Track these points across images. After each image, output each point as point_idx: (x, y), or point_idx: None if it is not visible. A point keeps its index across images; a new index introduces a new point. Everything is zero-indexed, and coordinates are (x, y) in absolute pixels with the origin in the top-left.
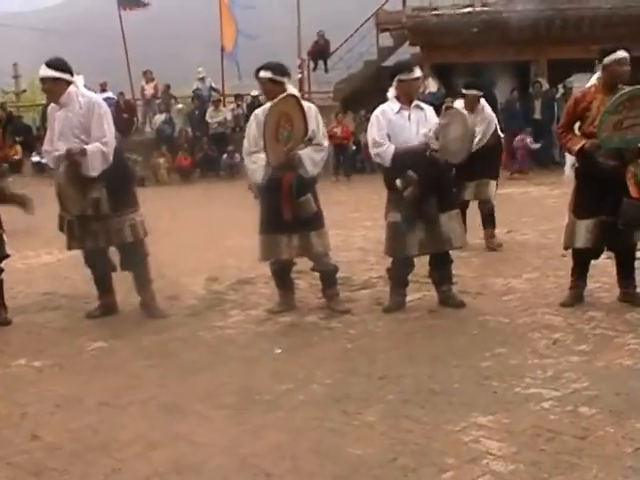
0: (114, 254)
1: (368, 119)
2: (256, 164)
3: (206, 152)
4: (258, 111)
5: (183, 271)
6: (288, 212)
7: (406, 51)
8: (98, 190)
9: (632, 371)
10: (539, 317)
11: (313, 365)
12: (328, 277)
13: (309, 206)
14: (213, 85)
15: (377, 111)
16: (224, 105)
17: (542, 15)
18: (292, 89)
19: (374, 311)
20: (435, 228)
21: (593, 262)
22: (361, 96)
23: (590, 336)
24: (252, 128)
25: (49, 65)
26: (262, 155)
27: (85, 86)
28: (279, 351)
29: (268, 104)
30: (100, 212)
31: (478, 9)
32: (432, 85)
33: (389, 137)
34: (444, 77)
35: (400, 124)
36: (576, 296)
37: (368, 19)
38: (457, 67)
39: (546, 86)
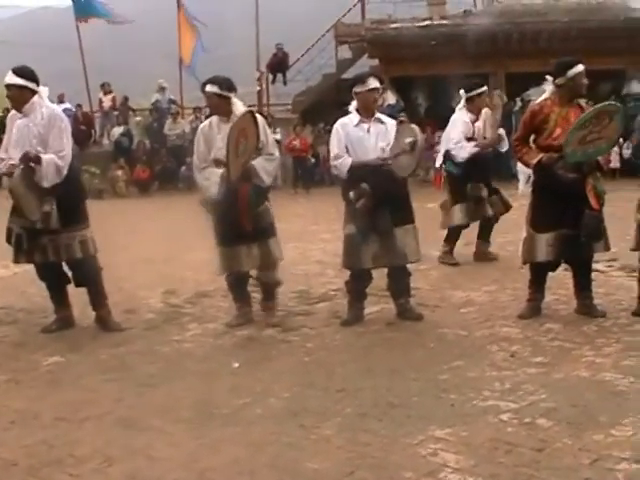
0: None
1: (327, 132)
2: (209, 180)
3: (164, 164)
4: (203, 126)
5: (141, 284)
6: (248, 223)
7: (365, 64)
8: (49, 204)
9: (589, 383)
10: (497, 329)
11: (271, 379)
12: (270, 289)
13: (268, 215)
14: (172, 97)
15: (337, 123)
16: (182, 117)
17: (500, 29)
18: (239, 103)
19: (332, 324)
20: (389, 242)
21: (551, 274)
22: (320, 109)
23: (548, 348)
24: (200, 144)
25: (16, 72)
26: (215, 170)
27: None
28: (237, 365)
29: (213, 118)
30: (50, 226)
31: (437, 22)
32: (390, 98)
33: (348, 150)
34: (403, 90)
35: (359, 137)
36: (534, 308)
37: (327, 32)
38: (416, 80)
39: (504, 99)
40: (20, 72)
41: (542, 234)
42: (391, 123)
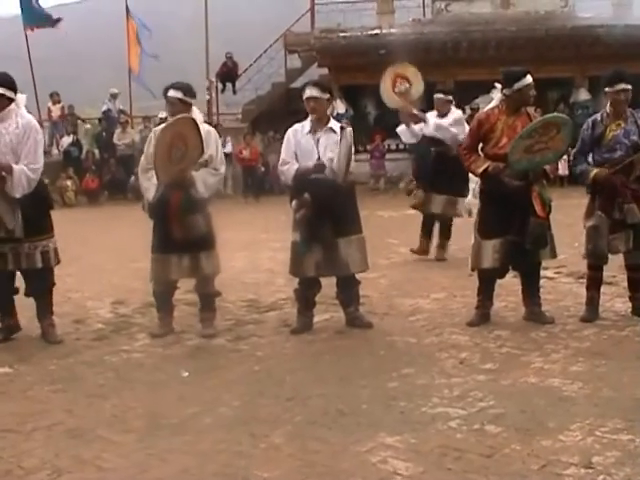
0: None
1: (277, 140)
2: (149, 181)
3: (113, 174)
4: (157, 129)
5: (90, 294)
6: (177, 230)
7: (314, 73)
8: (13, 214)
9: (537, 389)
10: (446, 337)
11: (220, 388)
12: (207, 300)
13: (197, 226)
14: (121, 107)
15: (290, 129)
16: (132, 127)
17: (449, 37)
18: (196, 111)
19: (282, 333)
20: (332, 251)
21: (499, 281)
22: (269, 117)
23: (496, 355)
24: (150, 145)
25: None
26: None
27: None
28: (186, 374)
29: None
30: (13, 235)
31: (385, 31)
32: (340, 106)
33: (297, 157)
34: (352, 98)
35: (307, 145)
36: (482, 315)
37: (276, 41)
38: (365, 88)
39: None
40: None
41: (488, 241)
42: (345, 133)
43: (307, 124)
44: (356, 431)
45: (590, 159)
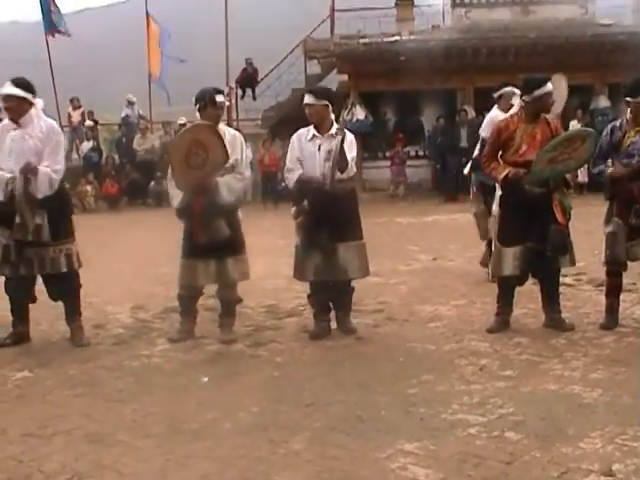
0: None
1: None
2: (175, 189)
3: (133, 179)
4: None
5: (110, 299)
6: (200, 236)
7: (334, 79)
8: (40, 216)
9: (557, 396)
10: (465, 343)
11: (240, 393)
12: (229, 307)
13: (220, 231)
14: (140, 112)
15: (295, 135)
16: (151, 132)
17: (468, 44)
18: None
19: (301, 339)
20: (331, 257)
21: (519, 288)
22: (289, 124)
23: (516, 362)
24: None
25: (15, 83)
26: None
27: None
28: (206, 380)
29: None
30: (41, 239)
31: (405, 38)
32: (359, 113)
33: (301, 162)
34: (372, 105)
35: (309, 151)
36: (502, 322)
37: (296, 47)
38: (385, 95)
39: (472, 114)
40: (19, 83)
41: (509, 248)
42: (347, 139)
43: (312, 130)
44: (375, 437)
45: (609, 164)
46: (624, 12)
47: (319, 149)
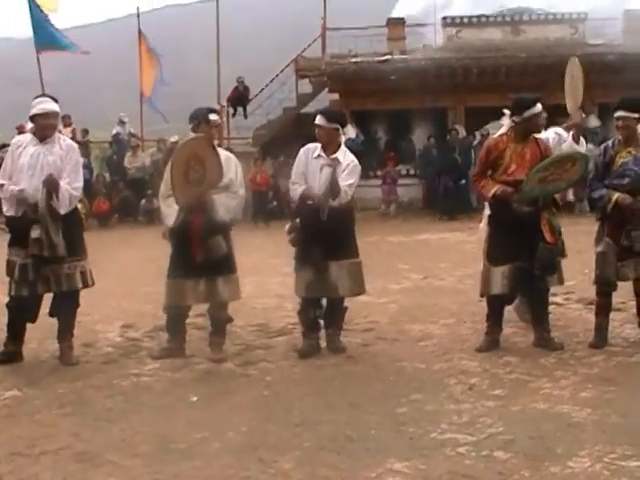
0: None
1: (288, 165)
2: (170, 208)
3: (124, 197)
4: None
5: (99, 318)
6: (198, 254)
7: (325, 98)
8: (56, 232)
9: (546, 415)
10: (455, 362)
11: (229, 413)
12: (219, 326)
13: (219, 248)
14: (132, 130)
15: (303, 148)
16: (143, 150)
17: (459, 63)
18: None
19: (291, 358)
20: (323, 274)
21: (509, 307)
22: (280, 142)
23: (506, 381)
24: (169, 171)
25: (54, 99)
26: None
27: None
28: (195, 399)
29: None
30: (57, 254)
31: (397, 57)
32: (351, 132)
33: (306, 179)
34: (363, 124)
35: (312, 169)
36: (492, 341)
37: (287, 66)
38: (376, 114)
39: (463, 133)
40: (55, 99)
41: (497, 267)
42: (348, 162)
43: (319, 148)
44: (365, 457)
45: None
46: (614, 32)
47: (321, 169)
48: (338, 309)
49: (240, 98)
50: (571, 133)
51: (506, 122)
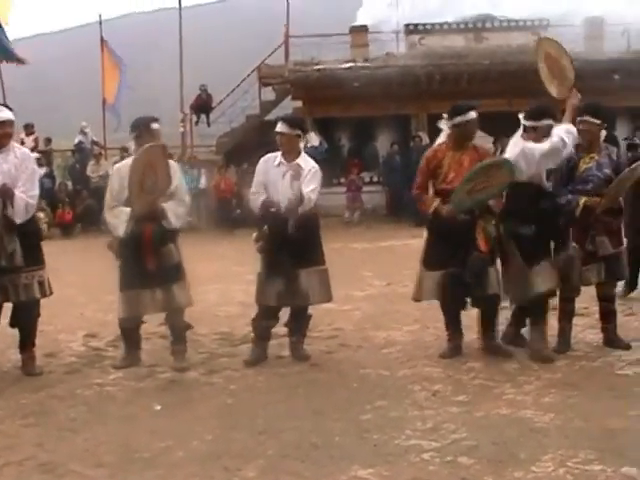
0: None
1: (251, 172)
2: (118, 218)
3: (88, 205)
4: (120, 166)
5: (61, 327)
6: (151, 262)
7: (288, 105)
8: (13, 242)
9: (510, 420)
10: (419, 369)
11: (193, 421)
12: (178, 333)
13: (171, 256)
14: (94, 138)
15: (262, 159)
16: (105, 158)
17: (422, 70)
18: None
19: (255, 366)
20: (293, 282)
21: (471, 314)
22: (243, 150)
23: (469, 387)
24: (114, 182)
25: (9, 109)
26: (124, 209)
27: None
28: (159, 408)
29: (130, 159)
30: (15, 264)
31: (359, 64)
32: (314, 139)
33: (267, 188)
34: (326, 131)
35: (274, 178)
36: (455, 348)
37: (250, 73)
38: (339, 121)
39: (426, 140)
40: (10, 108)
41: (430, 272)
42: (309, 169)
43: (279, 156)
44: (329, 464)
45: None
46: (576, 39)
47: (284, 176)
48: (303, 317)
49: (203, 106)
50: (567, 116)
51: (444, 128)
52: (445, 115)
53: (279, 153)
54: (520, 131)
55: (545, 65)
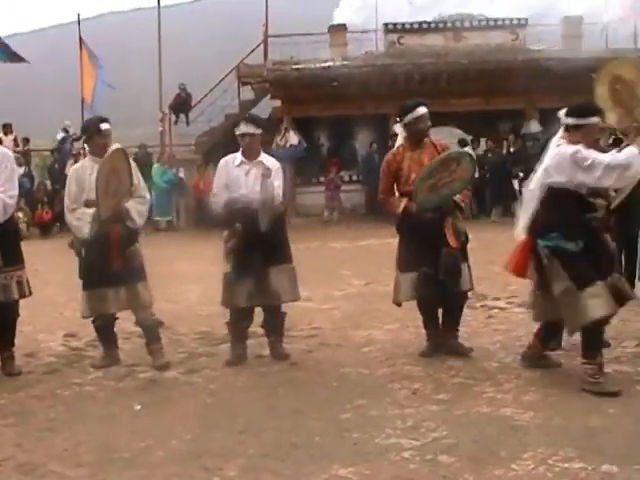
0: None
1: None
2: (81, 220)
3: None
4: (76, 167)
5: (40, 327)
6: (118, 263)
7: (267, 104)
8: None
9: (490, 418)
10: (399, 368)
11: (173, 421)
12: (151, 331)
13: (137, 256)
14: (75, 136)
15: (222, 161)
16: (84, 158)
17: (401, 70)
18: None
19: (234, 365)
20: (264, 281)
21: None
22: (222, 149)
23: (449, 385)
24: (72, 184)
25: None
26: (87, 210)
27: None
28: (139, 407)
29: (86, 160)
30: None
31: (338, 63)
32: (293, 138)
33: (229, 188)
34: (305, 130)
35: (238, 177)
36: (434, 346)
37: (229, 72)
38: (318, 120)
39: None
40: None
41: (405, 274)
42: (275, 167)
43: (239, 156)
44: (309, 463)
45: None
46: (554, 38)
47: (247, 175)
48: (276, 316)
49: (182, 105)
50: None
51: (399, 130)
52: (397, 118)
53: (238, 153)
54: (560, 132)
55: (609, 89)
